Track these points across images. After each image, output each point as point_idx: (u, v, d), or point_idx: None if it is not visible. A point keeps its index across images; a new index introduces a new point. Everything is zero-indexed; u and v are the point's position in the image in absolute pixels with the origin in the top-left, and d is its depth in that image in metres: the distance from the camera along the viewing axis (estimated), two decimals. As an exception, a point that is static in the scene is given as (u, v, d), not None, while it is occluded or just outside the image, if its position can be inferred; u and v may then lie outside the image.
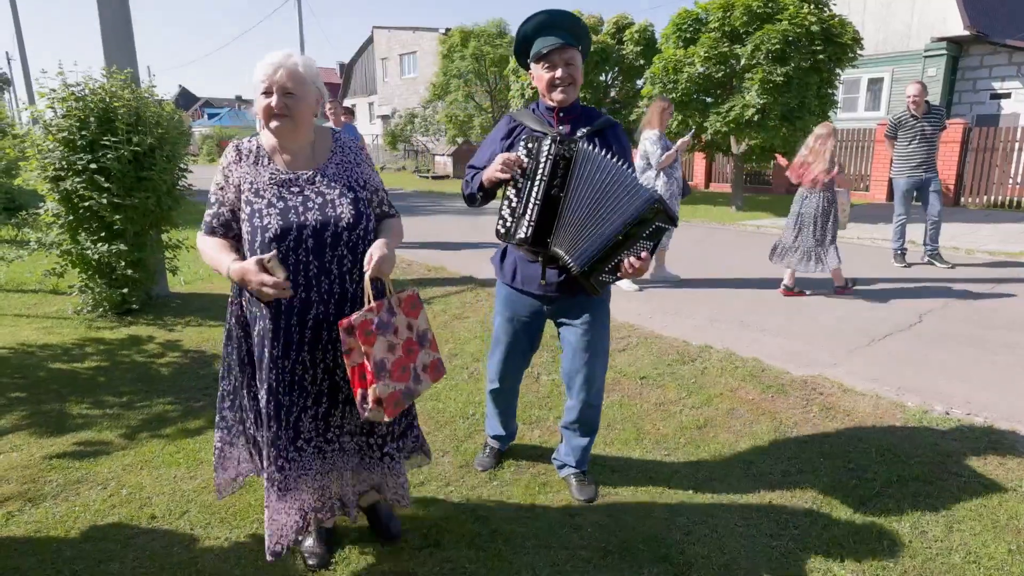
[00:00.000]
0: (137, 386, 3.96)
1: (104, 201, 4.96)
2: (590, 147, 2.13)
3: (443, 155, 24.09)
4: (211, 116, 63.22)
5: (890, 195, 14.45)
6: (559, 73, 2.26)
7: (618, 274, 2.16)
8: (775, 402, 3.47)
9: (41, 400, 3.71)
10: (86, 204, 4.97)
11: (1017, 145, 12.51)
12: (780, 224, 10.65)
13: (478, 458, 2.98)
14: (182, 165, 5.65)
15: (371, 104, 38.62)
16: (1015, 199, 12.73)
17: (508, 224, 2.22)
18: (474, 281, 6.41)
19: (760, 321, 5.07)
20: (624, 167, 2.11)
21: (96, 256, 5.11)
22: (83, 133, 4.97)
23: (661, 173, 5.90)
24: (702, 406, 3.49)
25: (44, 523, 2.53)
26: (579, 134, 2.29)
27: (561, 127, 2.34)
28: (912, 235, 7.70)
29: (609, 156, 2.12)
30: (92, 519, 2.56)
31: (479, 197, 2.39)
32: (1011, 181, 12.72)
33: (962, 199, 13.43)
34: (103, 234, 5.16)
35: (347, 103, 41.07)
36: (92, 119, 5.00)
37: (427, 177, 23.80)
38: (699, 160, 17.96)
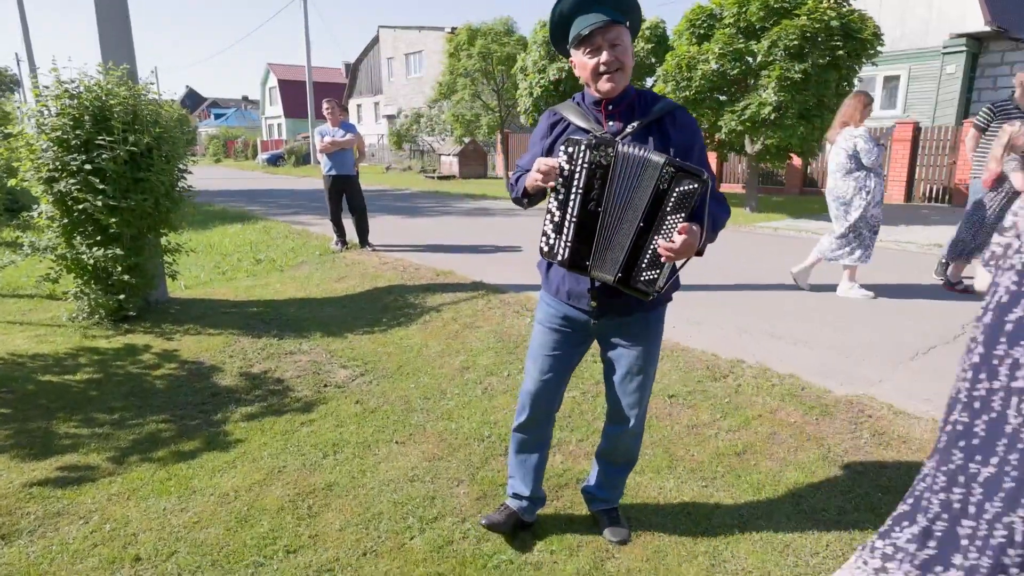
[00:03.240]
0: (130, 401, 3.72)
1: (99, 203, 4.72)
2: (631, 149, 1.82)
3: (449, 155, 23.85)
4: (218, 116, 63.29)
5: (908, 196, 14.13)
6: (604, 58, 1.90)
7: (661, 265, 1.87)
8: (820, 426, 3.18)
9: (27, 417, 3.47)
10: (80, 207, 4.74)
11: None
12: (797, 226, 10.34)
13: (487, 516, 2.42)
14: (181, 166, 5.40)
15: (376, 104, 38.42)
16: (1039, 200, 12.38)
17: (551, 241, 1.96)
18: (485, 287, 6.13)
19: (791, 331, 4.77)
20: (654, 155, 1.80)
21: (91, 261, 4.89)
22: (77, 132, 4.74)
23: (872, 173, 5.51)
24: (739, 429, 3.20)
25: (16, 566, 2.27)
26: (629, 129, 1.97)
27: (611, 122, 2.00)
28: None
29: (649, 152, 1.81)
30: (70, 560, 2.30)
31: (525, 201, 2.15)
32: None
33: (983, 200, 13.08)
34: (99, 238, 4.94)
35: (353, 103, 40.96)
36: (87, 117, 4.78)
37: (432, 177, 23.56)
38: (711, 160, 17.65)
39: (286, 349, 4.59)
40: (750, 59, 10.96)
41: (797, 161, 15.25)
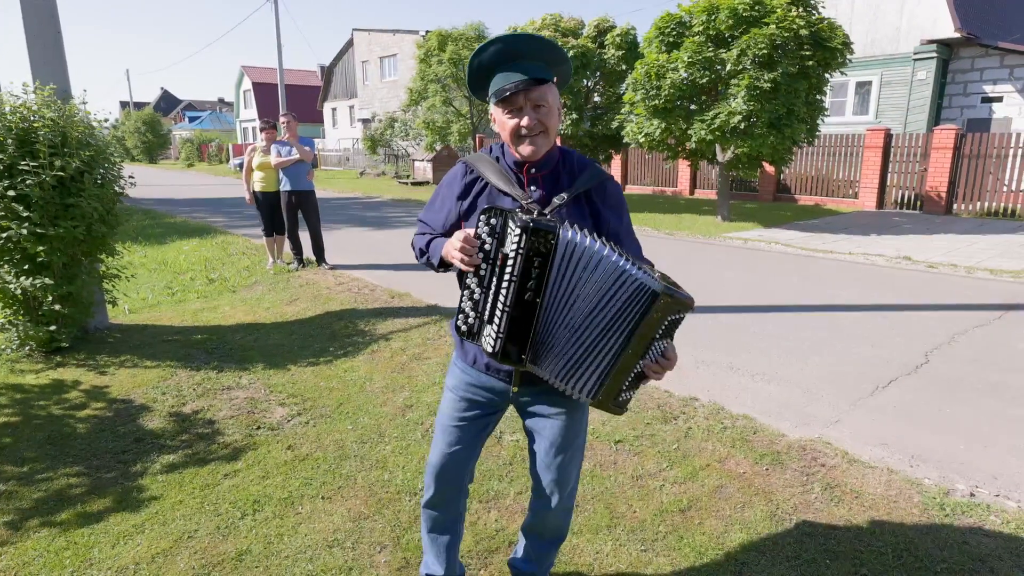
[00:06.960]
0: (45, 450, 3.46)
1: (24, 231, 4.47)
2: (574, 235, 1.61)
3: (422, 160, 23.61)
4: (192, 119, 62.44)
5: (880, 203, 14.12)
6: (526, 122, 1.73)
7: (641, 384, 1.74)
8: (770, 477, 3.00)
9: (-73, 472, 3.21)
10: (4, 235, 4.48)
11: (1011, 151, 12.19)
12: (768, 236, 10.23)
13: None
14: (117, 188, 5.14)
15: (351, 107, 38.05)
16: (1008, 207, 12.42)
17: (471, 322, 1.73)
18: (439, 312, 5.92)
19: (751, 362, 4.61)
20: (616, 256, 1.60)
21: (19, 290, 4.62)
22: (-1, 156, 4.48)
23: None
24: (686, 481, 3.02)
25: None
26: (555, 203, 1.78)
27: (532, 187, 1.82)
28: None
29: (596, 243, 1.62)
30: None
31: (439, 270, 1.89)
32: (1004, 188, 12.42)
33: (955, 207, 13.11)
34: (26, 266, 4.67)
35: (328, 106, 40.51)
36: (10, 141, 4.52)
37: (406, 183, 23.32)
38: (683, 166, 17.58)
39: (224, 384, 4.35)
40: (719, 68, 10.86)
41: (770, 167, 15.21)
